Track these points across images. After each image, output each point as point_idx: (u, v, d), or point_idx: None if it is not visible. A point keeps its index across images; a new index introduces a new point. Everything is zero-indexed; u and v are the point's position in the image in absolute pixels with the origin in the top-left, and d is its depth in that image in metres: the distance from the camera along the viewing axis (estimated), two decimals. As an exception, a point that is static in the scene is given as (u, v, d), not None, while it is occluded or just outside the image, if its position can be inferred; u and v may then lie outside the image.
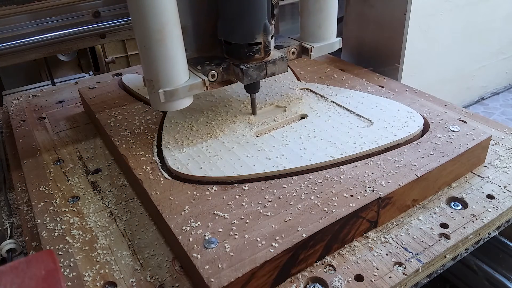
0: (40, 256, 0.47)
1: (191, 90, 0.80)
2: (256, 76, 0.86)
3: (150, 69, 0.77)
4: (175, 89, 0.78)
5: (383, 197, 0.69)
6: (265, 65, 0.86)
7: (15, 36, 1.28)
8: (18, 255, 0.80)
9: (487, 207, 0.75)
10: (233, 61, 0.87)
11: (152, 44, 0.74)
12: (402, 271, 0.64)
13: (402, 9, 1.18)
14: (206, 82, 0.81)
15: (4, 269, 0.45)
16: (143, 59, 0.77)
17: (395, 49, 1.24)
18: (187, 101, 0.82)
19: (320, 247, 0.66)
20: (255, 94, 0.93)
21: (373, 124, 0.87)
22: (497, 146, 0.91)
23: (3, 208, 0.91)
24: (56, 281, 0.44)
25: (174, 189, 0.74)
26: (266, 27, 0.83)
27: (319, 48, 0.95)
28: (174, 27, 0.75)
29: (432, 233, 0.70)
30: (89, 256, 0.69)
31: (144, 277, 0.65)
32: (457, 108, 1.02)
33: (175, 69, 0.78)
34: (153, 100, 0.81)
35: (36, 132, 1.04)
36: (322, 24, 0.95)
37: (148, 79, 0.79)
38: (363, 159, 0.78)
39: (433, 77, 2.89)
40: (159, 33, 0.73)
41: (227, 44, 0.86)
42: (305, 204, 0.69)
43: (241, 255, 0.60)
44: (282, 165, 0.77)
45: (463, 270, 0.98)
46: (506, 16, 3.07)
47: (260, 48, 0.85)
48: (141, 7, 0.71)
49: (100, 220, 0.77)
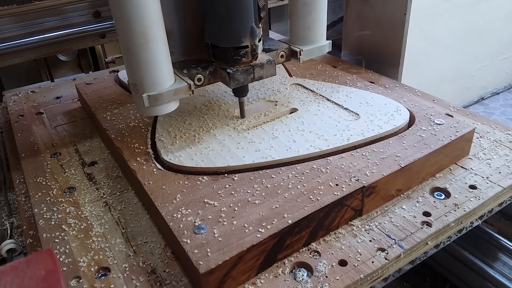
0: (40, 256, 0.47)
1: (176, 94, 0.78)
2: (243, 80, 0.84)
3: (133, 73, 0.76)
4: (159, 94, 0.77)
5: (367, 186, 0.72)
6: (253, 68, 0.84)
7: (15, 36, 1.30)
8: (18, 255, 0.81)
9: (469, 197, 0.78)
10: (220, 64, 0.85)
11: (136, 47, 0.72)
12: (384, 256, 0.67)
13: (402, 9, 1.18)
14: (192, 86, 0.79)
15: (4, 269, 0.45)
16: (126, 62, 0.75)
17: (395, 49, 1.24)
18: (173, 105, 0.80)
19: (305, 233, 0.68)
20: (243, 98, 0.92)
21: (360, 117, 0.90)
22: (482, 139, 0.93)
23: (3, 208, 0.93)
24: (56, 281, 0.45)
25: (166, 179, 0.77)
26: (253, 31, 0.82)
27: (308, 51, 0.94)
28: (157, 30, 0.73)
29: (415, 221, 0.73)
30: (84, 243, 0.72)
31: (136, 263, 0.68)
32: (445, 103, 1.04)
33: (160, 73, 0.76)
34: (137, 105, 0.79)
35: (34, 127, 1.07)
36: (312, 27, 0.93)
37: (132, 83, 0.77)
38: (350, 151, 0.81)
39: (433, 77, 2.90)
40: (142, 36, 0.71)
41: (214, 48, 0.85)
42: (292, 193, 0.71)
43: (229, 240, 0.63)
44: (271, 156, 0.80)
45: (463, 270, 0.99)
46: (506, 16, 3.08)
47: (247, 52, 0.83)
48: (123, 9, 0.70)
49: (96, 209, 0.79)
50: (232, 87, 0.85)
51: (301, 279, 0.64)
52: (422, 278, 1.11)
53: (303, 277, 0.64)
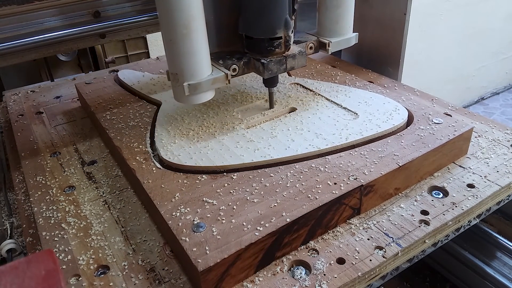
0: (40, 256, 0.47)
1: (214, 83, 0.82)
2: (276, 70, 0.88)
3: (175, 62, 0.79)
4: (198, 83, 0.80)
5: (365, 185, 0.72)
6: (285, 59, 0.87)
7: (15, 36, 1.30)
8: (18, 255, 0.81)
9: (467, 196, 0.78)
10: (253, 55, 0.89)
11: (178, 38, 0.76)
12: (382, 254, 0.67)
13: (402, 9, 1.18)
14: (228, 75, 0.83)
15: (4, 269, 0.45)
16: (168, 53, 0.79)
17: (395, 49, 1.24)
18: (210, 94, 0.84)
19: (304, 231, 0.68)
20: (273, 88, 0.96)
21: (359, 116, 0.90)
22: (481, 139, 0.93)
23: (3, 208, 0.93)
24: (56, 281, 0.45)
25: (165, 178, 0.77)
26: (287, 22, 0.85)
27: (336, 43, 0.97)
28: (199, 22, 0.77)
29: (413, 219, 0.73)
30: (83, 241, 0.72)
31: (136, 261, 0.68)
32: (444, 103, 1.04)
33: (199, 63, 0.79)
34: (177, 94, 0.82)
35: (34, 126, 1.08)
36: (339, 20, 0.96)
37: (172, 73, 0.80)
38: (348, 150, 0.81)
39: (433, 77, 2.90)
40: (185, 28, 0.75)
41: (248, 39, 0.88)
42: (290, 192, 0.72)
43: (227, 238, 0.63)
44: (269, 155, 0.80)
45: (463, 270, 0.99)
46: (506, 16, 3.08)
47: (281, 43, 0.87)
48: (168, 2, 0.73)
49: (95, 208, 0.80)
50: (266, 77, 0.88)
51: (299, 277, 0.64)
52: (422, 278, 1.11)
53: (301, 275, 0.65)
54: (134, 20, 1.31)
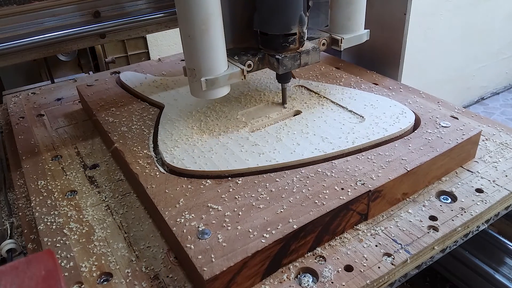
0: (40, 256, 0.47)
1: (231, 79, 0.83)
2: (291, 66, 0.89)
3: (193, 58, 0.80)
4: (215, 78, 0.81)
5: (373, 190, 0.71)
6: (299, 55, 0.89)
7: (15, 36, 1.29)
8: (18, 255, 0.80)
9: (475, 201, 0.77)
10: (268, 51, 0.90)
11: (197, 34, 0.77)
12: (390, 261, 0.66)
13: (402, 9, 1.18)
14: (244, 71, 0.84)
15: (4, 269, 0.45)
16: (186, 48, 0.80)
17: (395, 49, 1.24)
18: (226, 89, 0.85)
19: (311, 238, 0.67)
20: (286, 84, 0.96)
21: (365, 120, 0.89)
22: (488, 142, 0.92)
23: (3, 208, 0.92)
24: (56, 281, 0.45)
25: (169, 182, 0.76)
26: (302, 19, 0.86)
27: (348, 40, 0.98)
28: (217, 18, 0.78)
29: (421, 225, 0.72)
30: (86, 248, 0.71)
31: (139, 268, 0.67)
32: (450, 105, 1.03)
33: (216, 59, 0.80)
34: (193, 89, 0.83)
35: (35, 129, 1.06)
36: (352, 17, 0.98)
37: (190, 68, 0.81)
38: (355, 154, 0.80)
39: (433, 77, 2.89)
40: (203, 23, 0.76)
41: (263, 35, 0.89)
42: (297, 197, 0.70)
43: (233, 246, 0.62)
44: (275, 160, 0.79)
45: (463, 270, 0.98)
46: (506, 16, 3.08)
47: (295, 39, 0.87)
48: None
49: (97, 213, 0.78)
50: (281, 72, 0.89)
51: (306, 284, 0.63)
52: (422, 278, 1.10)
53: (308, 282, 0.63)
54: (134, 20, 1.30)
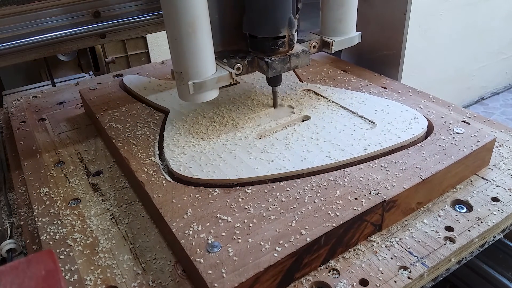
0: (40, 256, 0.46)
1: (219, 82, 0.82)
2: (280, 69, 0.88)
3: (180, 61, 0.79)
4: (203, 81, 0.80)
5: (387, 200, 0.69)
6: (289, 58, 0.88)
7: (15, 36, 1.27)
8: (18, 255, 0.79)
9: (492, 210, 0.74)
10: (257, 54, 0.89)
11: (183, 36, 0.76)
12: (407, 275, 0.63)
13: (402, 9, 1.17)
14: (232, 74, 0.83)
15: (4, 269, 0.45)
16: (173, 51, 0.79)
17: (395, 49, 1.23)
18: (214, 93, 0.84)
19: (324, 251, 0.65)
20: (276, 87, 0.95)
21: (376, 126, 0.86)
22: (502, 148, 0.90)
23: (3, 208, 0.90)
24: (56, 281, 0.44)
25: (176, 192, 0.74)
26: (291, 21, 0.85)
27: (339, 42, 0.97)
28: (204, 21, 0.77)
29: (437, 236, 0.70)
30: (90, 259, 0.69)
31: (146, 281, 0.65)
32: (461, 110, 1.01)
33: (204, 62, 0.79)
34: (181, 92, 0.82)
35: (36, 134, 1.04)
36: (343, 19, 0.96)
37: (177, 71, 0.80)
38: (367, 162, 0.78)
39: (433, 77, 2.88)
40: (190, 26, 0.75)
41: (252, 38, 0.88)
42: (309, 208, 0.68)
43: (244, 260, 0.60)
44: (285, 168, 0.76)
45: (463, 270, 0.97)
46: (506, 16, 3.06)
47: (285, 42, 0.86)
48: (174, 0, 0.73)
49: (102, 223, 0.76)
50: (270, 75, 0.88)
51: (320, 300, 0.61)
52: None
53: (322, 297, 0.61)
54: (134, 20, 1.29)
